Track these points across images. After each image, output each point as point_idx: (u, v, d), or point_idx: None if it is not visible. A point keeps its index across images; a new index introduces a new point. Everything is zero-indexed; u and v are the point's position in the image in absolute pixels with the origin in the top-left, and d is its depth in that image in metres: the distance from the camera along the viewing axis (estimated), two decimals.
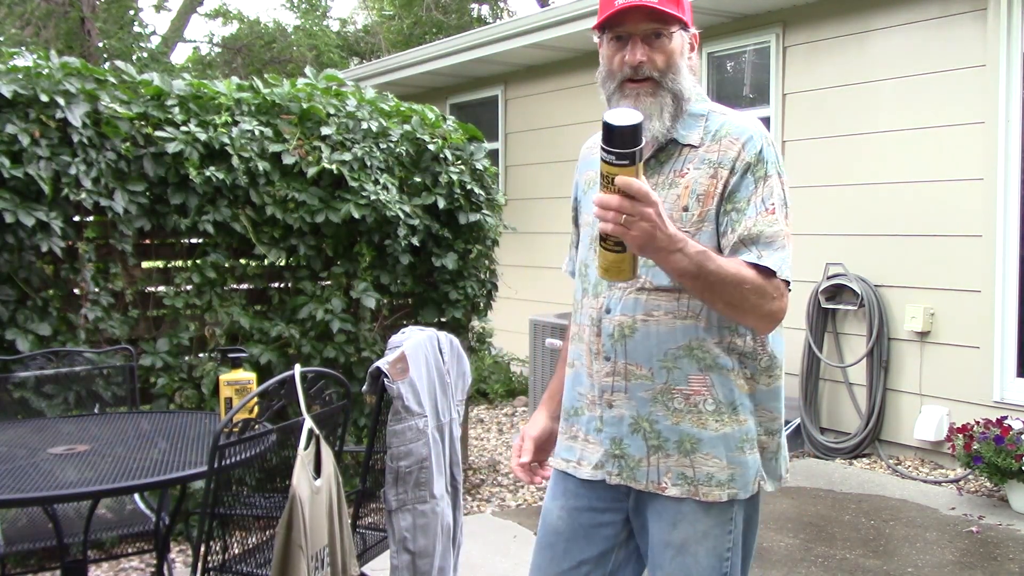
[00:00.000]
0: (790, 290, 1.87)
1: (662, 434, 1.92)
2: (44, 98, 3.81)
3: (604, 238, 1.71)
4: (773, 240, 1.84)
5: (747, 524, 2.03)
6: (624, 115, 1.62)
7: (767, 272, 1.82)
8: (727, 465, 1.92)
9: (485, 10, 22.18)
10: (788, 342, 5.86)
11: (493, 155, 8.43)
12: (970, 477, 5.09)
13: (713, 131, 1.92)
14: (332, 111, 4.61)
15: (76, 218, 4.05)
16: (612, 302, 1.95)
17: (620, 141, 1.61)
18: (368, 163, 4.58)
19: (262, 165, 4.32)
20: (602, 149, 1.63)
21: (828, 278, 5.95)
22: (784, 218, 1.88)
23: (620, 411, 1.95)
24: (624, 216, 1.63)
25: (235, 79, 4.61)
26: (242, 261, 4.49)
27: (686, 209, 1.88)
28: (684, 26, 1.91)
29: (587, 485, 2.02)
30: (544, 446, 2.17)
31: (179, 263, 4.44)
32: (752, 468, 1.94)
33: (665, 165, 1.93)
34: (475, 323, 5.33)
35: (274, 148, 4.37)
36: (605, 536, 2.04)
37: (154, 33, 18.14)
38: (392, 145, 4.73)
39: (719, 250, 1.87)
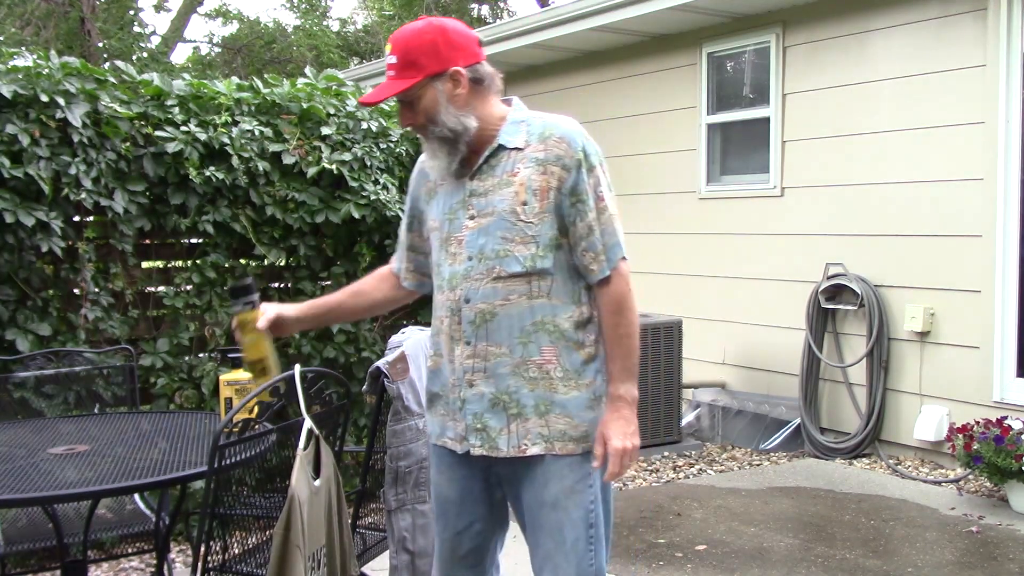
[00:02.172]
0: (626, 259, 2.24)
1: (520, 402, 2.21)
2: (44, 98, 3.81)
3: (244, 364, 2.40)
4: (608, 226, 2.21)
5: (602, 484, 2.30)
6: (242, 280, 2.53)
7: (615, 264, 2.21)
8: (578, 424, 2.22)
9: (485, 10, 22.17)
10: (788, 342, 5.86)
11: None
12: (970, 477, 5.09)
13: (537, 133, 2.22)
14: (332, 111, 4.61)
15: (76, 218, 4.05)
16: (470, 292, 2.22)
17: (244, 292, 2.38)
18: (368, 163, 4.58)
19: (262, 165, 4.32)
20: (235, 304, 2.37)
21: (828, 278, 5.95)
22: (612, 201, 2.25)
23: (480, 389, 2.23)
24: (632, 459, 2.19)
25: (235, 79, 4.61)
26: (242, 261, 4.49)
27: (525, 203, 2.19)
28: (432, 75, 2.18)
29: (461, 458, 2.30)
30: (278, 327, 2.44)
31: (179, 263, 4.44)
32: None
33: (496, 167, 2.23)
34: None
35: (274, 148, 4.37)
36: (485, 499, 2.35)
37: (154, 33, 18.16)
38: (392, 145, 4.73)
39: (562, 236, 2.20)
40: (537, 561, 2.28)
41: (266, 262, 4.50)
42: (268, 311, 2.41)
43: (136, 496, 3.35)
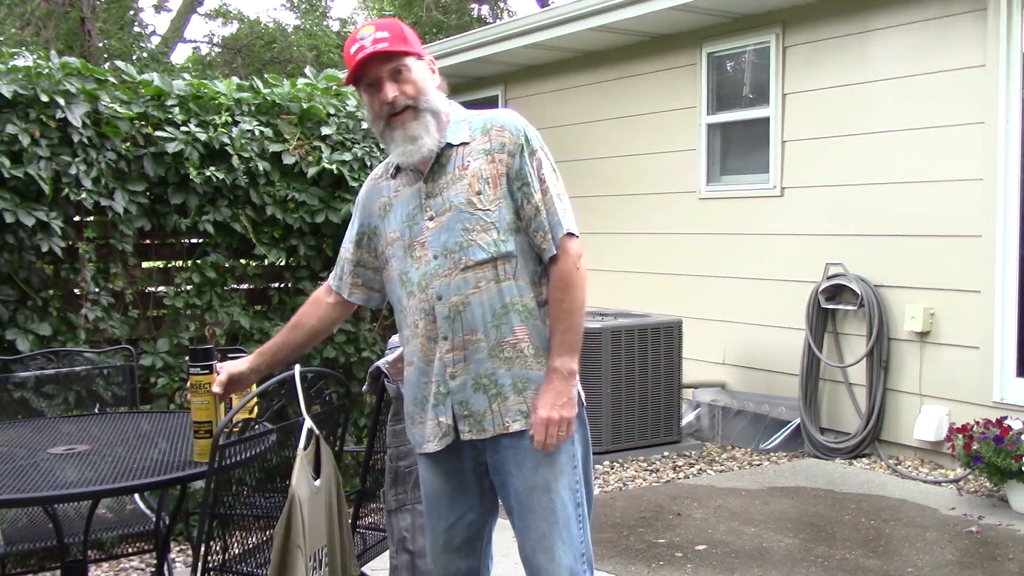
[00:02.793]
0: (575, 235, 2.32)
1: (499, 381, 2.29)
2: (44, 98, 3.81)
3: (196, 431, 2.47)
4: (551, 206, 2.30)
5: (584, 462, 2.39)
6: (201, 345, 2.73)
7: (564, 239, 2.29)
8: None
9: (485, 10, 22.18)
10: (788, 342, 5.87)
11: None
12: (970, 477, 5.09)
13: (479, 127, 2.33)
14: (332, 111, 4.61)
15: (76, 218, 4.05)
16: (441, 289, 2.29)
17: (203, 356, 2.49)
18: (368, 163, 4.58)
19: (262, 165, 4.32)
20: (192, 367, 2.48)
21: (828, 278, 5.95)
22: (556, 181, 2.34)
23: (463, 378, 2.30)
24: (560, 428, 2.25)
25: (235, 79, 4.61)
26: (242, 261, 4.49)
27: (479, 193, 2.28)
28: (418, 56, 2.31)
29: (449, 453, 2.36)
30: (234, 384, 2.51)
31: (179, 263, 4.44)
32: (573, 387, 2.32)
33: (447, 165, 2.32)
34: None
35: (274, 148, 4.37)
36: (475, 489, 2.42)
37: (154, 33, 18.17)
38: None
39: (519, 219, 2.29)
40: (529, 544, 2.32)
41: (266, 262, 4.50)
42: (221, 374, 2.48)
43: (136, 496, 3.36)
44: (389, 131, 2.31)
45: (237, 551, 2.61)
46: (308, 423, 2.39)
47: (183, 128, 4.16)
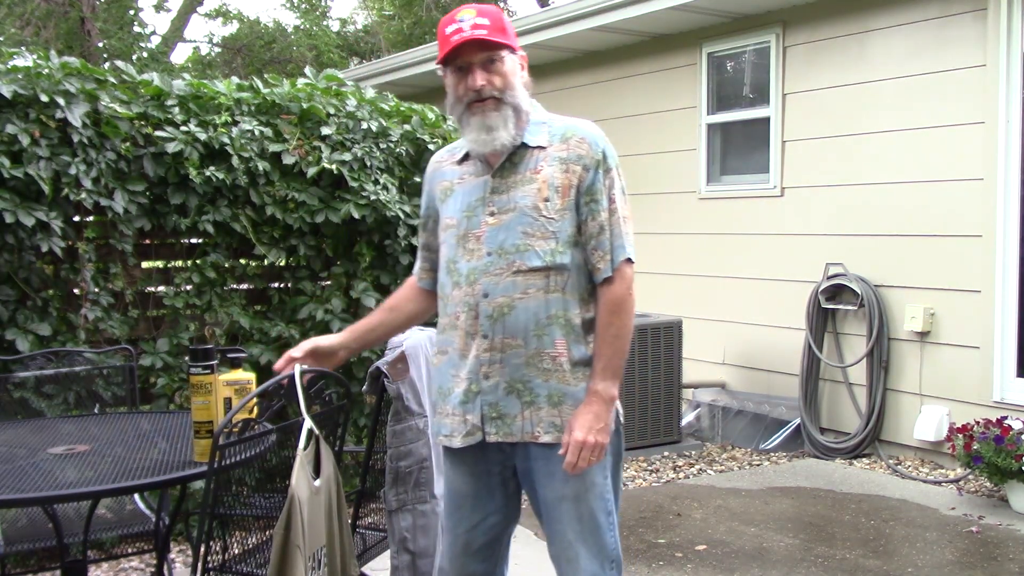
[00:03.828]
0: (633, 262, 2.29)
1: (534, 390, 2.27)
2: (44, 98, 3.81)
3: (197, 431, 2.45)
4: (617, 227, 2.27)
5: (614, 472, 2.38)
6: (202, 344, 2.66)
7: (618, 266, 2.27)
8: None
9: None
10: (788, 342, 5.87)
11: None
12: (970, 477, 5.09)
13: (559, 134, 2.30)
14: (332, 111, 4.61)
15: (76, 218, 4.05)
16: (489, 287, 2.26)
17: (204, 356, 2.49)
18: (368, 163, 4.58)
19: (262, 165, 4.32)
20: (192, 367, 2.47)
21: (828, 278, 5.95)
22: (624, 204, 2.31)
23: (496, 379, 2.28)
24: (593, 453, 2.21)
25: (235, 79, 4.61)
26: (242, 261, 4.49)
27: (547, 200, 2.25)
28: (512, 50, 2.29)
29: (475, 452, 2.34)
30: (320, 358, 2.48)
31: (179, 263, 4.44)
32: (611, 412, 2.30)
33: (519, 165, 2.29)
34: None
35: (274, 148, 4.37)
36: (500, 492, 2.40)
37: (154, 33, 18.14)
38: (392, 145, 4.73)
39: (579, 234, 2.26)
40: (556, 548, 2.33)
41: (266, 262, 4.50)
42: (303, 344, 2.46)
43: (136, 496, 3.35)
44: (468, 116, 2.27)
45: (237, 551, 2.61)
46: (308, 423, 2.39)
47: (183, 128, 4.16)
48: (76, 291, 4.08)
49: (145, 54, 16.98)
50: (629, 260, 2.29)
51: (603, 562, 2.31)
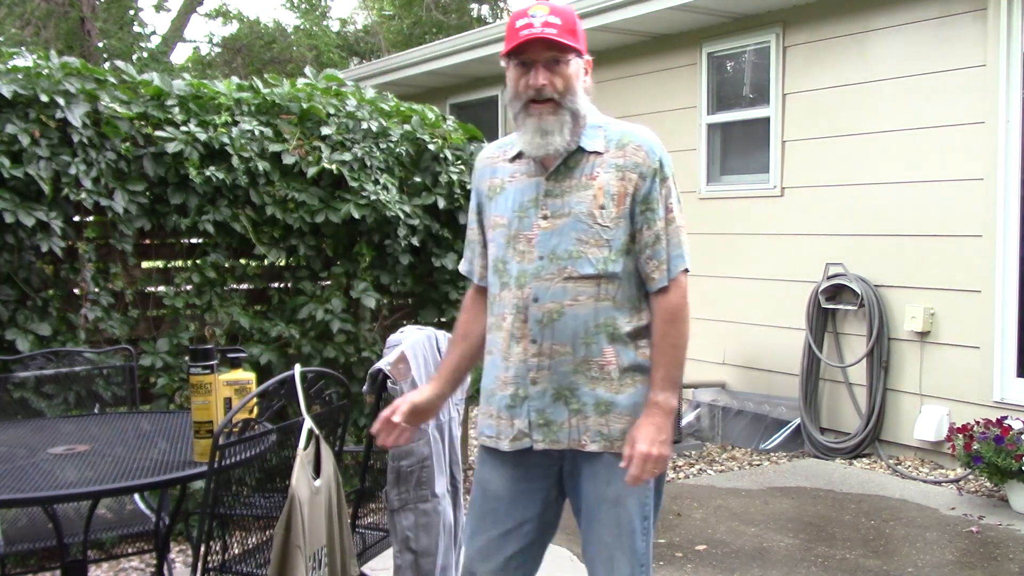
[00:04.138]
0: (689, 271, 2.28)
1: (582, 399, 2.24)
2: (44, 98, 3.81)
3: (197, 431, 2.50)
4: (674, 237, 2.26)
5: (658, 478, 2.32)
6: (202, 344, 2.84)
7: (675, 275, 2.25)
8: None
9: (485, 10, 22.16)
10: (788, 342, 5.86)
11: None
12: (970, 477, 5.09)
13: (615, 139, 2.26)
14: (332, 111, 4.61)
15: (76, 218, 4.05)
16: (540, 291, 2.23)
17: (204, 356, 2.53)
18: (368, 163, 4.58)
19: (262, 165, 4.31)
20: (192, 367, 2.52)
21: (828, 278, 5.95)
22: (680, 213, 2.29)
23: (543, 385, 2.25)
24: (657, 465, 2.19)
25: (235, 79, 4.61)
26: (242, 261, 4.49)
27: (603, 207, 2.22)
28: (579, 54, 2.23)
29: (519, 456, 2.31)
30: (420, 414, 2.42)
31: (179, 263, 4.44)
32: (671, 423, 2.26)
33: (575, 170, 2.25)
34: None
35: (274, 148, 4.37)
36: (541, 499, 2.35)
37: (154, 33, 18.14)
38: (392, 145, 4.73)
39: (633, 242, 2.24)
40: (591, 549, 2.32)
41: (266, 262, 4.50)
42: (401, 405, 2.37)
43: (136, 496, 3.35)
44: (524, 115, 2.23)
45: (237, 551, 2.61)
46: (308, 423, 2.39)
47: (183, 128, 4.15)
48: (76, 291, 4.08)
49: (145, 54, 16.98)
50: (686, 270, 2.27)
51: (635, 567, 2.29)
